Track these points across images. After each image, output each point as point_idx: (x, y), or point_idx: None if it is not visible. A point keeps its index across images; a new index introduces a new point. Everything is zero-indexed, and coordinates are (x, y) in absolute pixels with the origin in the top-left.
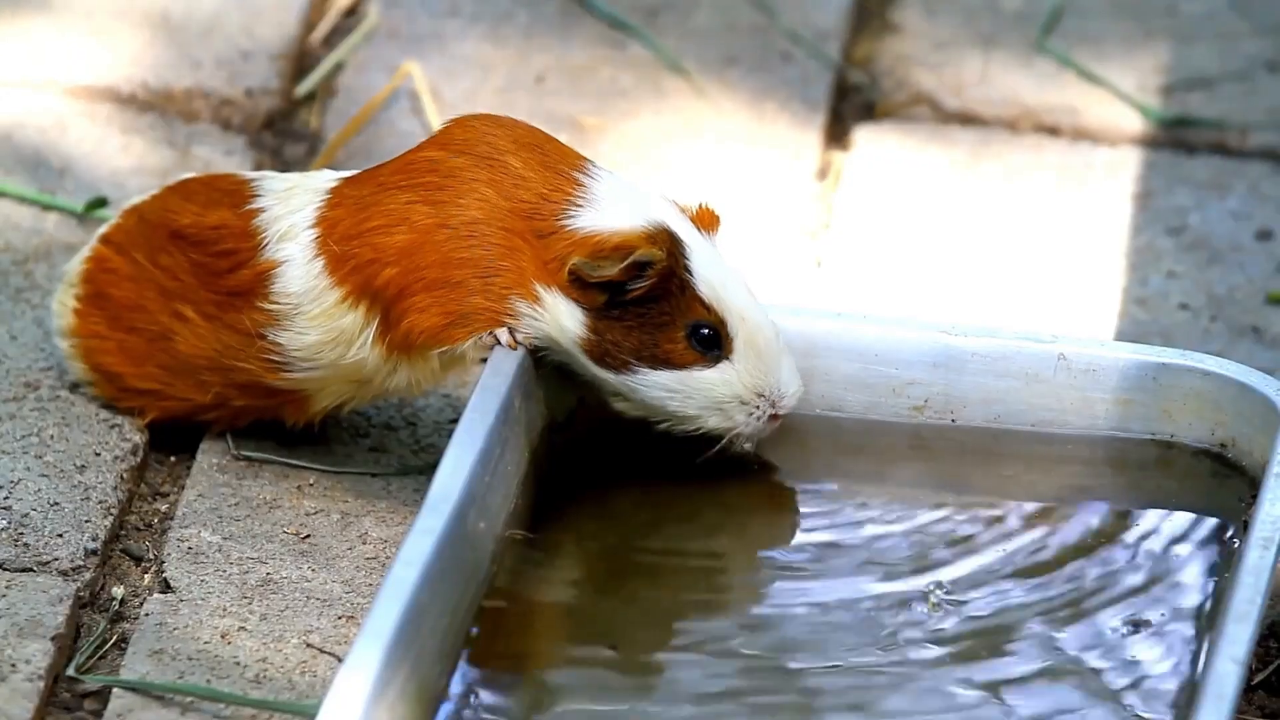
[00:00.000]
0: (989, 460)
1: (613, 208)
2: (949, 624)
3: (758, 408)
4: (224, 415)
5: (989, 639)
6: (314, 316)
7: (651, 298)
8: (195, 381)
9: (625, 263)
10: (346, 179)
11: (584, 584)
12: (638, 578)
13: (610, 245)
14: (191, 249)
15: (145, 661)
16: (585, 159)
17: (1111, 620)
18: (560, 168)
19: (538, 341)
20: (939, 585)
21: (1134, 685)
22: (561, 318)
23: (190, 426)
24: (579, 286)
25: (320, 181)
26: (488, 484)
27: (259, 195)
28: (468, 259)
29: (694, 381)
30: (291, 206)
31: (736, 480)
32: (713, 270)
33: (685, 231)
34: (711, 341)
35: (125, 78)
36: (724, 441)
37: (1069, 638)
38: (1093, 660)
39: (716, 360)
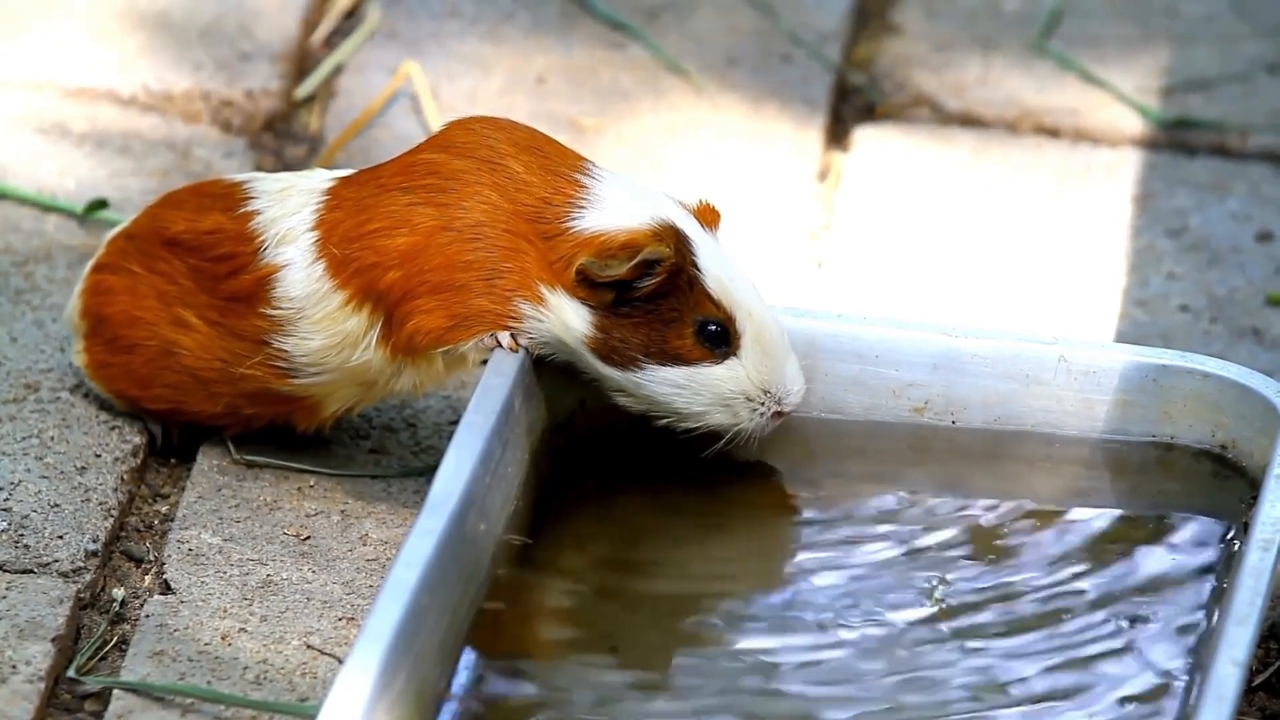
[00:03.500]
0: (989, 462)
1: (617, 207)
2: (951, 622)
3: (763, 404)
4: (237, 422)
5: (991, 638)
6: (317, 321)
7: (659, 294)
8: (205, 395)
9: (634, 261)
10: (343, 179)
11: (584, 586)
12: (638, 580)
13: (617, 244)
14: (188, 255)
15: (145, 663)
16: (585, 160)
17: (1111, 622)
18: (561, 170)
19: (542, 343)
20: (943, 582)
21: (1135, 686)
22: (567, 317)
23: (191, 428)
24: (586, 286)
25: (315, 182)
26: (488, 485)
27: (252, 197)
28: (472, 261)
29: (701, 378)
30: (288, 208)
31: (737, 482)
32: (720, 266)
33: (690, 228)
34: (719, 338)
35: (125, 79)
36: (726, 439)
37: (1069, 639)
38: (1093, 661)
39: (724, 357)
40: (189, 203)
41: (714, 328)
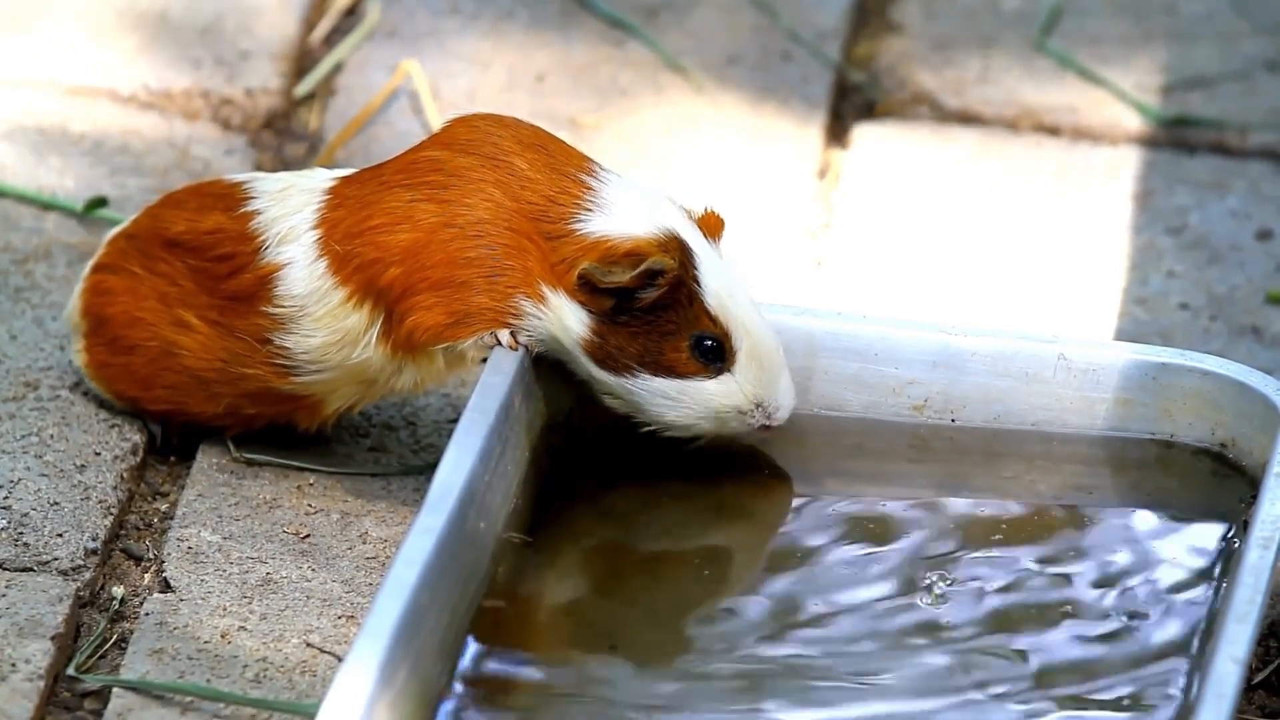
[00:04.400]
0: (989, 460)
1: (622, 212)
2: (951, 618)
3: (753, 417)
4: (238, 422)
5: (990, 634)
6: (319, 318)
7: (659, 305)
8: (205, 395)
9: (637, 271)
10: (345, 178)
11: (584, 583)
12: (637, 577)
13: (622, 251)
14: (188, 255)
15: (145, 661)
16: (591, 160)
17: (1111, 619)
18: (567, 170)
19: (540, 342)
20: (942, 578)
21: (1134, 685)
22: (566, 319)
23: (191, 428)
24: (587, 290)
25: (317, 181)
26: (488, 483)
27: (253, 197)
28: (473, 258)
29: (693, 391)
30: (289, 207)
31: (736, 480)
32: (720, 281)
33: (693, 239)
34: (715, 354)
35: (125, 77)
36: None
37: (1068, 636)
38: (1092, 659)
39: (718, 372)
40: (189, 203)
41: (710, 343)
